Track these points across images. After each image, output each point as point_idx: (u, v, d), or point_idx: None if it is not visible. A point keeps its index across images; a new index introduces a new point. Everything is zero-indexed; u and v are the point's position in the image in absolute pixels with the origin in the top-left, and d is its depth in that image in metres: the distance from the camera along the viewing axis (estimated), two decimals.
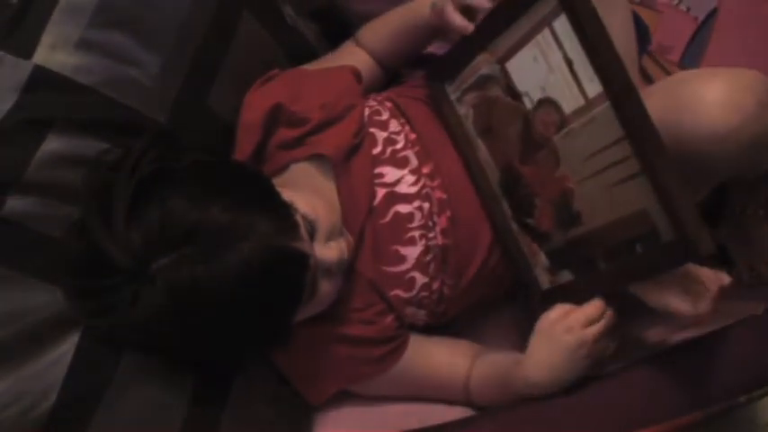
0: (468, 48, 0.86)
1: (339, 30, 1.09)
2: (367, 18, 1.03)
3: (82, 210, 0.74)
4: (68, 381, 0.71)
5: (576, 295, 0.82)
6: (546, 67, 0.78)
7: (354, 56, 1.01)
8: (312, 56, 1.05)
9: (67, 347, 0.73)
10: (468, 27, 0.84)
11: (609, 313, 0.79)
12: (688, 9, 1.07)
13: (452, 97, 0.91)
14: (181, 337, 0.73)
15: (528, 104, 0.82)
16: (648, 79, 0.99)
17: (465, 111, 0.90)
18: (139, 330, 0.72)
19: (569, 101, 0.78)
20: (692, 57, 1.05)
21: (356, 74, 0.97)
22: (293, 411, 0.93)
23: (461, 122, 0.90)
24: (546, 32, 0.77)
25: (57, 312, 0.72)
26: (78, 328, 0.73)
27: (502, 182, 0.89)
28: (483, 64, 0.85)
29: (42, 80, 0.74)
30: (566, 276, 0.86)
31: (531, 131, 0.83)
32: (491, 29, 0.82)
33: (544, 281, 0.88)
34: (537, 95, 0.81)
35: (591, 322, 0.79)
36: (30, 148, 0.73)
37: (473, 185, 0.90)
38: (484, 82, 0.86)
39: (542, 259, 0.87)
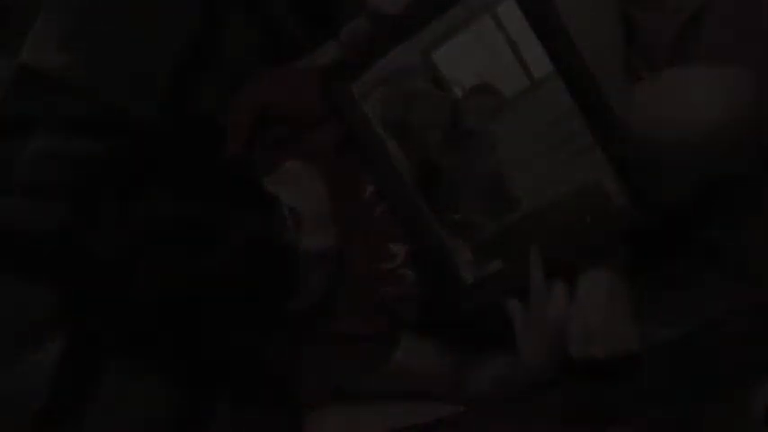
0: (382, 42, 0.84)
1: (331, 29, 1.09)
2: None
3: (68, 208, 0.73)
4: (56, 381, 0.72)
5: (507, 280, 0.82)
6: (483, 53, 0.78)
7: None
8: (302, 55, 1.05)
9: (55, 348, 0.73)
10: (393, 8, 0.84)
11: (559, 285, 0.79)
12: (679, 5, 1.07)
13: (356, 96, 0.86)
14: (171, 335, 0.73)
15: (458, 92, 0.81)
16: (636, 76, 0.99)
17: (370, 108, 0.85)
18: (128, 329, 0.72)
19: (511, 84, 0.78)
20: (683, 54, 1.05)
21: None
22: (289, 411, 0.93)
23: (368, 121, 0.86)
24: (485, 18, 0.77)
25: (44, 312, 0.72)
26: (66, 329, 0.73)
27: (419, 179, 0.86)
28: (399, 57, 0.82)
29: (28, 79, 0.74)
30: (495, 266, 0.85)
31: (460, 120, 0.82)
32: (415, 20, 0.81)
33: (468, 277, 0.87)
34: (470, 82, 0.80)
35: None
36: (15, 147, 0.73)
37: (381, 188, 0.88)
38: (400, 75, 0.83)
39: (466, 254, 0.86)
